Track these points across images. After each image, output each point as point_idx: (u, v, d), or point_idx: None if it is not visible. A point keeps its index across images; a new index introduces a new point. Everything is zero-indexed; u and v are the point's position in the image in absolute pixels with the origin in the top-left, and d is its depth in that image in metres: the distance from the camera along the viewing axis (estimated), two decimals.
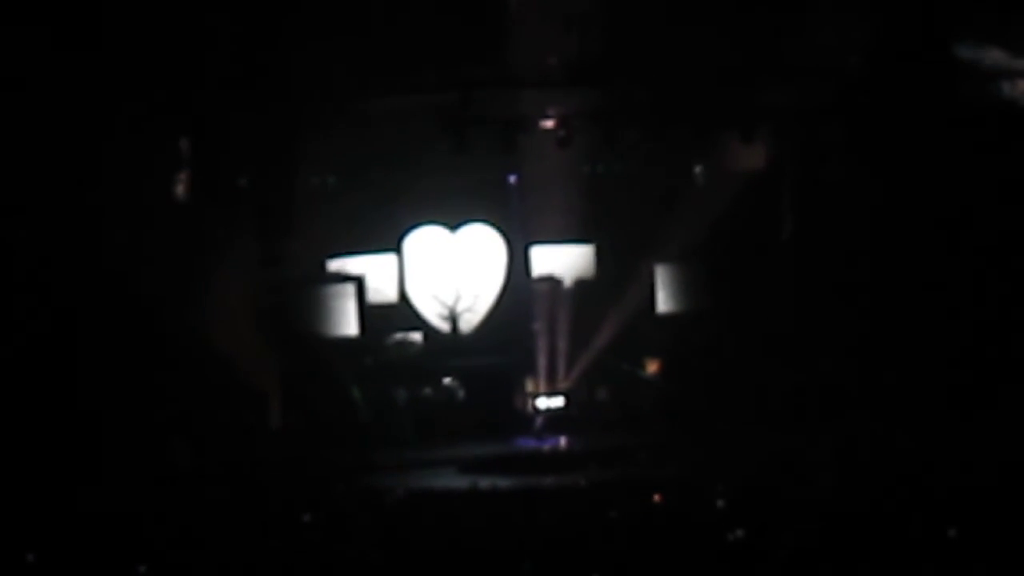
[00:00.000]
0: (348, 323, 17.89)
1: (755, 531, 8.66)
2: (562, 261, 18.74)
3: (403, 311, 18.68)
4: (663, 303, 18.20)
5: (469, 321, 18.77)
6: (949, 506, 8.96)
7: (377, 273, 18.45)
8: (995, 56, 15.27)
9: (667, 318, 18.13)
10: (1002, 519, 8.48)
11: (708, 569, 7.91)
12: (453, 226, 18.89)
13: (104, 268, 14.16)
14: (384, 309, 18.40)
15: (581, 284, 18.69)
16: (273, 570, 8.21)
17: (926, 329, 15.00)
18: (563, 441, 16.72)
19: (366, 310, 18.01)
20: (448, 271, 18.78)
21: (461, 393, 17.49)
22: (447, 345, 18.57)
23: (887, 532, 8.37)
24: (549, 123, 17.06)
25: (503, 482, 12.75)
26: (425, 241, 18.85)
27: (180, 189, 16.19)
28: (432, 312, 18.77)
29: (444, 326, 18.74)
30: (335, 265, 18.33)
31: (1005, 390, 13.82)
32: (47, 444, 13.03)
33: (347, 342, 17.79)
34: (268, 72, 15.43)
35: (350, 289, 17.98)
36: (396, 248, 18.69)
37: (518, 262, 18.81)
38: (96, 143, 14.10)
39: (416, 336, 18.55)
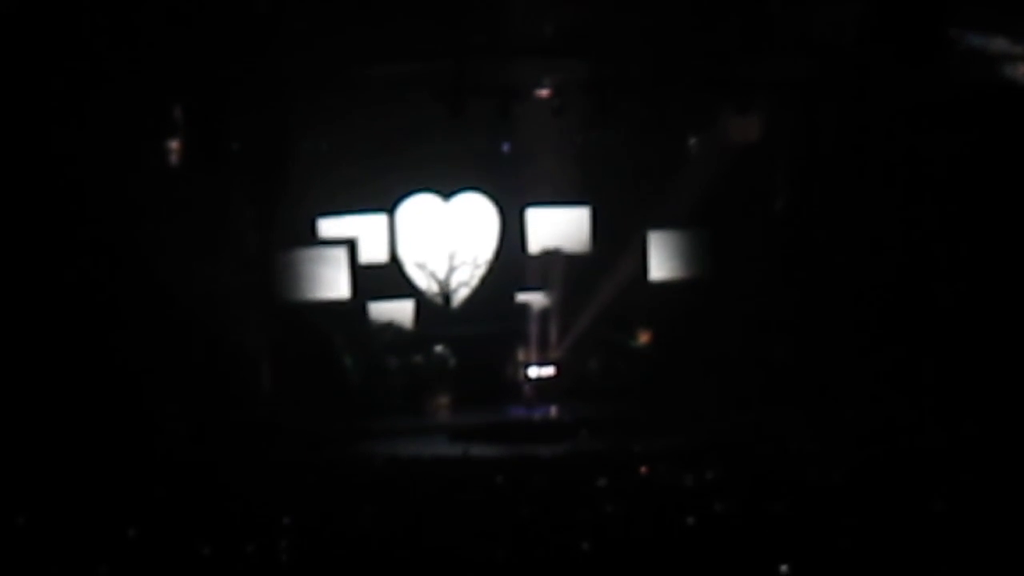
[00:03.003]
0: (339, 288, 17.86)
1: (744, 502, 8.71)
2: (559, 227, 18.68)
3: (395, 277, 18.65)
4: (656, 272, 18.21)
5: (463, 293, 18.76)
6: (936, 480, 9.01)
7: (369, 234, 18.38)
8: (995, 38, 15.25)
9: (659, 287, 18.14)
10: (988, 494, 8.53)
11: (697, 538, 7.95)
12: (446, 194, 18.84)
13: (92, 236, 14.09)
14: (376, 270, 18.35)
15: (575, 253, 18.68)
16: (261, 536, 8.23)
17: (919, 305, 15.03)
18: (554, 410, 16.76)
19: (358, 272, 17.96)
20: (441, 240, 18.73)
21: (452, 361, 17.49)
22: (439, 314, 18.57)
23: (874, 506, 8.41)
24: (544, 92, 17.04)
25: (494, 450, 12.79)
26: (418, 210, 18.80)
27: (172, 155, 16.12)
28: (425, 284, 18.75)
29: (437, 299, 18.72)
30: (325, 226, 18.27)
31: (998, 367, 13.87)
32: (36, 416, 13.01)
33: (338, 308, 17.75)
34: (262, 37, 15.35)
35: (341, 253, 17.93)
36: (389, 210, 18.65)
37: (512, 230, 18.79)
38: (85, 110, 14.01)
39: (408, 311, 18.50)
